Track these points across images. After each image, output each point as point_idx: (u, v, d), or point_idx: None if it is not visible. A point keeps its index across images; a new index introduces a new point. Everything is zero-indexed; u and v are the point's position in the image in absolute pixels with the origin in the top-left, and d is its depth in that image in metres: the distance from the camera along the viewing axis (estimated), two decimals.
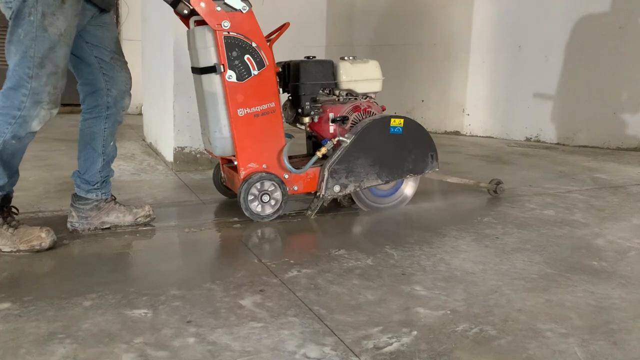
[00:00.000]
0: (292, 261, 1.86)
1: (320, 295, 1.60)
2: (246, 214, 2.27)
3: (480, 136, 5.12)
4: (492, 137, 5.06)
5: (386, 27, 5.46)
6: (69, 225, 2.12)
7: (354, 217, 2.46)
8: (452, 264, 1.87)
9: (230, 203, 2.56)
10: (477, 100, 5.16)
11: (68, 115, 5.60)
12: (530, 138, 4.91)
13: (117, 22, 5.79)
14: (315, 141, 2.63)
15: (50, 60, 1.80)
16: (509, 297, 1.61)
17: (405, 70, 5.31)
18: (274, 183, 2.29)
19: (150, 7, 3.84)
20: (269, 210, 2.30)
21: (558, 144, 4.75)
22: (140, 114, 5.04)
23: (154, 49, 3.78)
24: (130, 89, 2.11)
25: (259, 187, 2.26)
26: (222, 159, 2.54)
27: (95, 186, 2.10)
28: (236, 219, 2.33)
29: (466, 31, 5.11)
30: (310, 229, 2.32)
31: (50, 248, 1.89)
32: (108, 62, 2.03)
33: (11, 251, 1.86)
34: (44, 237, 1.89)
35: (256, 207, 2.28)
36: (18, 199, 2.49)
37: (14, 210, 1.97)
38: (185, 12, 2.18)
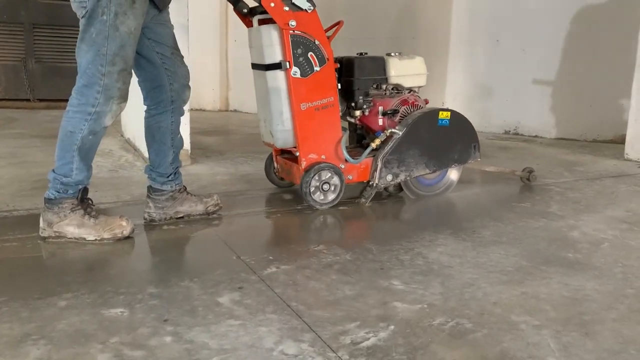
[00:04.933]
0: (271, 257, 1.86)
1: (299, 291, 1.61)
2: (309, 201, 2.39)
3: None
4: None
5: (366, 20, 5.46)
6: (145, 215, 2.20)
7: (339, 210, 2.46)
8: (430, 257, 1.89)
9: None
10: (456, 93, 5.20)
11: (44, 111, 5.52)
12: (509, 131, 4.97)
13: None
14: (360, 133, 2.76)
15: (121, 58, 1.88)
16: (485, 290, 1.63)
17: None
18: (333, 172, 2.41)
19: None
20: (329, 198, 2.44)
21: (536, 136, 4.80)
22: None
23: None
24: (189, 82, 2.20)
25: (320, 177, 2.39)
26: (275, 150, 2.64)
27: (169, 178, 2.20)
28: (215, 215, 2.31)
29: (445, 25, 5.14)
30: (290, 224, 2.33)
31: (129, 236, 2.00)
32: (169, 57, 2.10)
33: (95, 239, 1.96)
34: (125, 226, 1.99)
35: (318, 195, 2.41)
36: None
37: (90, 202, 2.07)
38: (245, 10, 2.34)
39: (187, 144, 3.32)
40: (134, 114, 3.77)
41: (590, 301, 1.58)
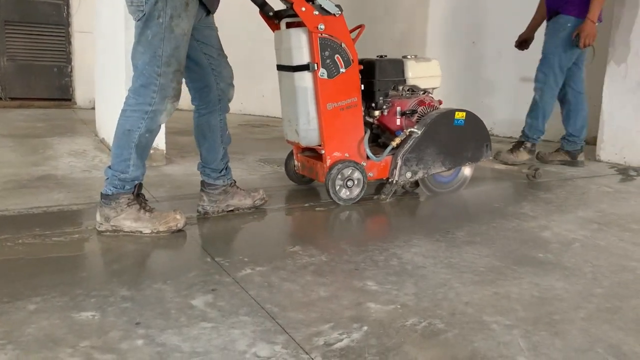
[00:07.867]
0: (246, 259, 1.85)
1: (273, 293, 1.60)
2: (333, 198, 2.49)
3: None
4: None
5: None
6: (199, 208, 2.31)
7: (317, 211, 2.46)
8: (404, 258, 1.90)
9: (182, 200, 2.51)
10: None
11: (17, 110, 5.41)
12: None
13: (68, 14, 5.62)
14: (376, 132, 2.84)
15: (175, 59, 1.96)
16: (457, 291, 1.65)
17: None
18: (357, 170, 2.51)
19: (102, 1, 3.74)
20: (353, 194, 2.53)
21: (511, 137, 4.87)
22: (93, 108, 4.92)
23: (106, 43, 3.69)
24: (233, 81, 2.25)
25: (344, 174, 2.48)
26: (296, 148, 2.74)
27: (222, 173, 2.31)
28: (192, 215, 2.30)
29: (422, 27, 5.18)
30: (266, 225, 2.32)
31: (181, 229, 2.09)
32: (216, 59, 2.17)
33: (151, 232, 2.04)
34: (179, 219, 2.08)
35: (342, 192, 2.51)
36: None
37: (144, 197, 2.15)
38: (271, 13, 2.43)
39: (162, 144, 3.30)
40: (108, 114, 3.73)
41: (559, 301, 1.61)
